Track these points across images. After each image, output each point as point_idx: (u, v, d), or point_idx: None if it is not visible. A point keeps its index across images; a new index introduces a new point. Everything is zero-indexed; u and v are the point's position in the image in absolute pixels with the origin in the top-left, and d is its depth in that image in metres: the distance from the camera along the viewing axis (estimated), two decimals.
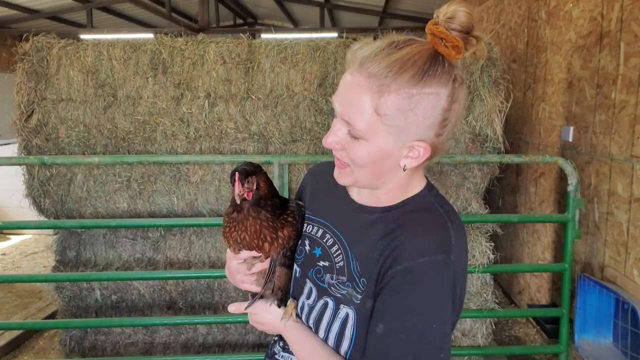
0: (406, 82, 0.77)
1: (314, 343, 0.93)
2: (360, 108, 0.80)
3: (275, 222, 0.96)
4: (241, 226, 0.95)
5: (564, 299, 2.51)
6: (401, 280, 0.81)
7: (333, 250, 0.95)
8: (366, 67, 0.79)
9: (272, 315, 1.00)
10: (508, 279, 4.08)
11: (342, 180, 0.92)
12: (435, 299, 0.80)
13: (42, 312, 3.58)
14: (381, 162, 0.85)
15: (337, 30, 9.97)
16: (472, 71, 2.73)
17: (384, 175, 0.88)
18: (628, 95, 2.39)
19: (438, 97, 0.79)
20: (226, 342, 2.92)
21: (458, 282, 0.83)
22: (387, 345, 0.80)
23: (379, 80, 0.78)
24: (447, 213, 0.89)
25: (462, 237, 0.87)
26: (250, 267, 0.98)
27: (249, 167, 0.92)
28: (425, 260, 0.81)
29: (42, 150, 2.76)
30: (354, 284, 0.89)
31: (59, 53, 2.77)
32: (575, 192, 2.42)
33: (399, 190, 0.91)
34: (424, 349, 0.79)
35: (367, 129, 0.81)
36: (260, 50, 2.82)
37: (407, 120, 0.80)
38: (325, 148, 2.80)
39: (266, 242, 0.95)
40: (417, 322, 0.80)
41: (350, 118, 0.82)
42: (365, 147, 0.83)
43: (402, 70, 0.77)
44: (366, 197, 0.96)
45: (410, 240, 0.84)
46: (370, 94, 0.79)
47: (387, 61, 0.78)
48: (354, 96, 0.80)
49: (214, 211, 2.79)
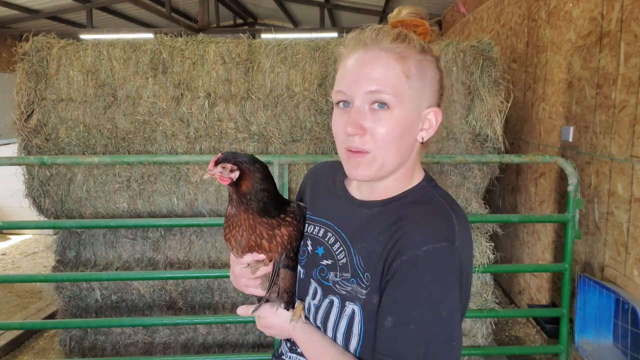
0: (414, 50, 0.86)
1: (323, 343, 0.93)
2: (386, 74, 0.84)
3: (270, 219, 0.95)
4: (235, 221, 0.94)
5: (564, 299, 2.51)
6: (406, 271, 0.81)
7: (335, 248, 0.95)
8: (376, 42, 0.86)
9: (280, 319, 1.00)
10: (508, 279, 4.08)
11: (363, 172, 0.87)
12: (442, 287, 0.80)
13: (42, 312, 3.58)
14: (405, 135, 0.87)
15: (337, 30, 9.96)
16: (472, 71, 2.73)
17: (407, 153, 0.89)
18: (628, 95, 2.39)
19: (434, 65, 0.90)
20: (226, 342, 2.92)
21: (464, 270, 0.83)
22: (397, 337, 0.80)
23: (394, 50, 0.85)
24: (449, 203, 0.89)
25: (465, 226, 0.87)
26: (254, 271, 0.98)
27: (237, 158, 0.93)
28: (430, 248, 0.80)
29: (42, 150, 2.76)
30: (358, 279, 0.89)
31: (59, 53, 2.77)
32: (575, 192, 2.42)
33: (406, 176, 0.93)
34: (435, 338, 0.78)
35: (396, 93, 0.84)
36: (260, 50, 2.82)
37: (424, 83, 0.87)
38: (325, 148, 2.81)
39: (264, 239, 0.95)
40: (425, 312, 0.79)
41: (378, 85, 0.83)
42: (393, 117, 0.84)
43: (408, 41, 0.86)
44: (366, 193, 0.96)
45: (413, 230, 0.83)
46: (394, 60, 0.84)
47: (392, 35, 0.86)
48: (376, 67, 0.84)
49: (214, 211, 2.79)
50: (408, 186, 0.93)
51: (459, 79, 2.75)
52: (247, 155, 0.95)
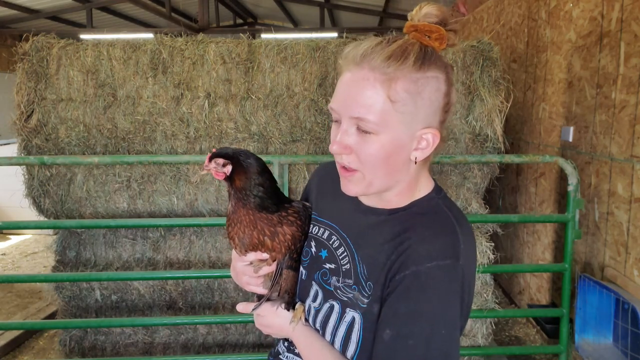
0: (409, 68, 0.80)
1: (322, 347, 0.92)
2: (371, 99, 0.80)
3: (270, 214, 0.94)
4: (236, 217, 0.94)
5: (564, 299, 2.51)
6: (409, 285, 0.80)
7: (339, 252, 0.94)
8: (367, 61, 0.81)
9: (280, 319, 0.99)
10: (508, 279, 4.08)
11: (353, 189, 0.88)
12: (443, 304, 0.80)
13: (42, 312, 3.58)
14: (394, 157, 0.84)
15: (337, 30, 9.97)
16: (472, 71, 2.73)
17: (397, 172, 0.86)
18: (628, 95, 2.39)
19: (438, 81, 0.83)
20: (226, 342, 2.92)
21: (466, 287, 0.82)
22: (395, 351, 0.79)
23: (384, 70, 0.80)
24: (456, 217, 0.88)
25: (470, 241, 0.86)
26: (256, 270, 0.97)
27: (229, 152, 0.93)
28: (434, 265, 0.80)
29: (42, 150, 2.76)
30: (360, 287, 0.88)
31: (58, 53, 2.77)
32: (576, 192, 2.42)
33: (409, 190, 0.91)
34: (432, 354, 0.78)
35: (381, 119, 0.81)
36: (260, 50, 2.82)
37: (417, 104, 0.82)
38: (325, 148, 2.81)
39: (266, 236, 0.94)
40: (425, 327, 0.79)
41: (361, 112, 0.81)
42: (379, 141, 0.82)
43: (402, 58, 0.80)
44: (374, 200, 0.94)
45: (418, 244, 0.83)
46: (379, 83, 0.80)
47: (385, 53, 0.81)
48: (362, 90, 0.81)
49: (214, 211, 2.79)
50: (415, 197, 0.91)
51: (459, 79, 2.75)
52: (242, 150, 0.95)
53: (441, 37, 0.83)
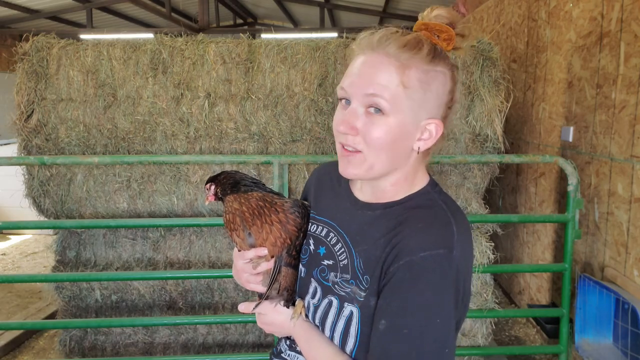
0: (421, 59, 0.84)
1: (322, 342, 0.94)
2: (386, 81, 0.83)
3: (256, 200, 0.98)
4: (228, 209, 0.98)
5: (564, 299, 2.51)
6: (402, 276, 0.81)
7: (337, 249, 0.96)
8: (383, 47, 0.84)
9: (281, 316, 1.00)
10: (508, 279, 4.08)
11: (352, 170, 0.89)
12: (437, 293, 0.80)
13: (42, 312, 3.58)
14: (399, 142, 0.86)
15: (337, 30, 9.96)
16: (472, 71, 2.73)
17: (399, 159, 0.88)
18: (628, 95, 2.39)
19: (445, 77, 0.88)
20: (226, 342, 2.92)
21: (461, 277, 0.83)
22: (390, 341, 0.80)
23: (398, 57, 0.83)
24: (451, 210, 0.88)
25: (466, 233, 0.87)
26: (255, 266, 0.98)
27: (215, 175, 1.04)
28: (427, 255, 0.80)
29: (42, 150, 2.76)
30: (358, 281, 0.90)
31: (58, 53, 2.77)
32: (576, 192, 2.42)
33: (405, 182, 0.92)
34: (427, 345, 0.79)
35: (393, 100, 0.83)
36: (260, 50, 2.82)
37: (425, 95, 0.85)
38: (325, 148, 2.81)
39: (259, 219, 0.96)
40: (419, 317, 0.79)
41: (376, 89, 0.83)
42: (387, 124, 0.84)
43: (417, 49, 0.84)
44: (369, 194, 0.96)
45: (412, 235, 0.84)
46: (394, 68, 0.83)
47: (401, 42, 0.84)
48: (378, 71, 0.84)
49: (213, 211, 2.79)
50: (411, 191, 0.93)
51: (459, 79, 2.74)
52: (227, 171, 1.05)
53: (450, 38, 0.86)
